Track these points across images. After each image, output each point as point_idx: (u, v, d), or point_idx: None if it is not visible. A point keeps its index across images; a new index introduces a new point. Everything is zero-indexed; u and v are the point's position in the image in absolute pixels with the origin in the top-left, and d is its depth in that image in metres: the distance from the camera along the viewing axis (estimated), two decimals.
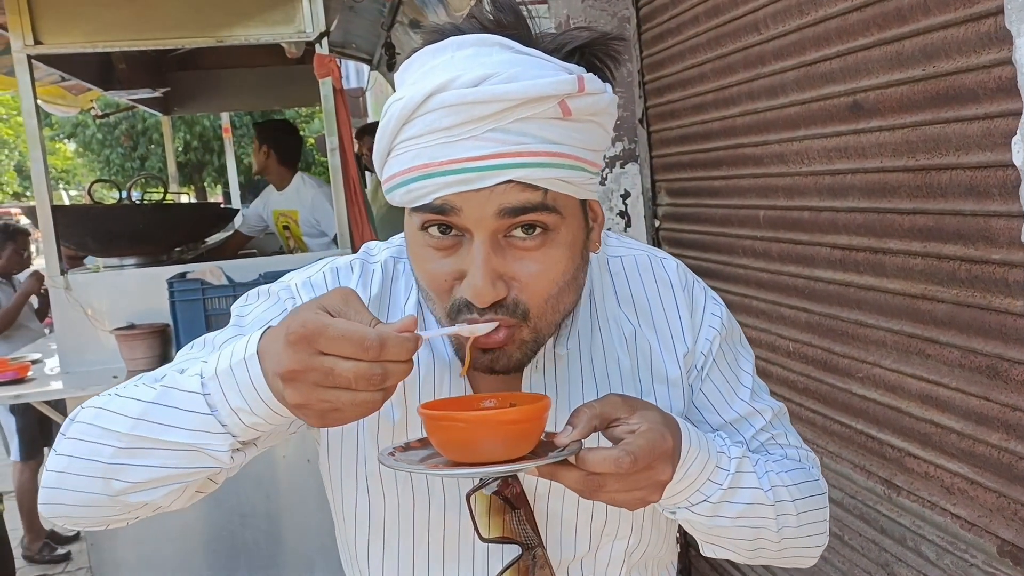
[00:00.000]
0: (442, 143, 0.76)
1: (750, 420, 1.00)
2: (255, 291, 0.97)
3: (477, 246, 0.78)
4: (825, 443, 1.90)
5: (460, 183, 0.76)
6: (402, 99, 0.78)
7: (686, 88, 2.40)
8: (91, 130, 17.48)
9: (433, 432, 0.77)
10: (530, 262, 0.80)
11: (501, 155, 0.76)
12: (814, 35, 1.73)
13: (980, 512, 1.45)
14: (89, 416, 0.83)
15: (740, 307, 2.19)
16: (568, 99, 0.77)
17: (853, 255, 1.71)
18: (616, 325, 0.97)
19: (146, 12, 3.37)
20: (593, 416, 0.77)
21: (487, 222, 0.78)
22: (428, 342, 0.93)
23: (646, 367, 0.96)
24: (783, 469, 0.96)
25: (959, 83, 1.37)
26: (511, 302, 0.80)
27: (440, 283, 0.82)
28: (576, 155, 0.79)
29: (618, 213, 2.76)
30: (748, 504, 0.89)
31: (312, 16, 3.44)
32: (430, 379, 0.93)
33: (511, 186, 0.77)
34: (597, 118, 0.81)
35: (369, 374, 0.69)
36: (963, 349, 1.44)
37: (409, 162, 0.78)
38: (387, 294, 0.96)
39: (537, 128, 0.77)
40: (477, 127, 0.76)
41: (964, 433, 1.46)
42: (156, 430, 0.78)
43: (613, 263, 1.00)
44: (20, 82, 3.30)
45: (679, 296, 0.99)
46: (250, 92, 5.58)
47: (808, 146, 1.82)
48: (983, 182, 1.35)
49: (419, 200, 0.79)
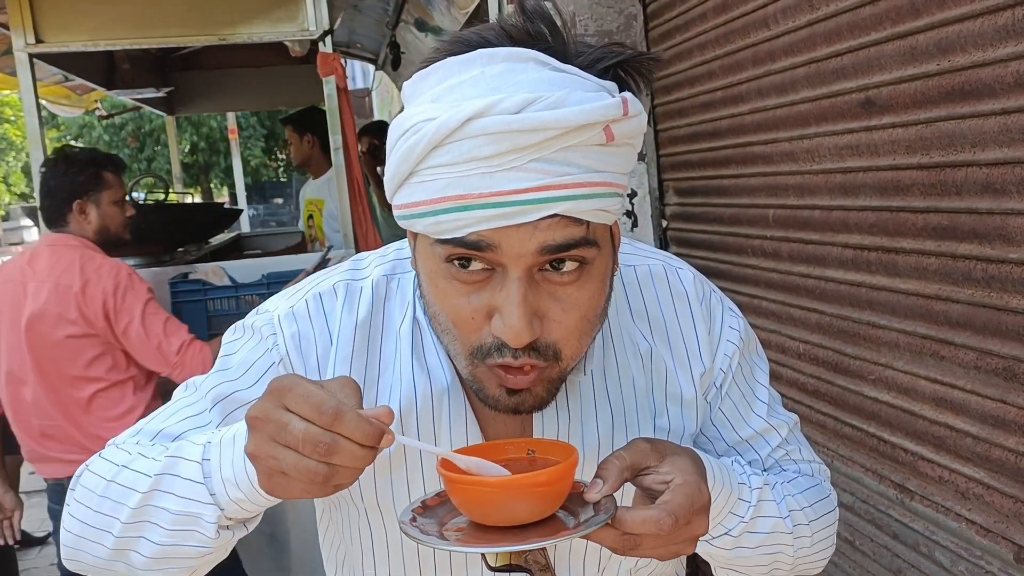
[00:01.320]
0: (480, 173, 0.70)
1: (766, 437, 0.98)
2: (240, 325, 0.94)
3: (513, 283, 0.73)
4: (836, 447, 1.87)
5: (501, 217, 0.70)
6: (435, 120, 0.70)
7: (694, 85, 2.37)
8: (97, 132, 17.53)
9: (455, 493, 0.72)
10: (566, 299, 0.75)
11: (546, 187, 0.70)
12: (825, 30, 1.70)
13: (996, 517, 1.42)
14: (99, 487, 0.84)
15: (749, 308, 2.16)
16: (612, 124, 0.72)
17: (865, 255, 1.68)
18: (631, 342, 0.93)
19: (148, 10, 3.36)
20: (623, 468, 0.74)
21: (526, 259, 0.72)
22: (425, 366, 0.88)
23: (660, 387, 0.93)
24: (798, 490, 0.95)
25: (975, 78, 1.33)
26: (543, 344, 0.75)
27: (467, 321, 0.76)
28: (615, 182, 0.74)
29: (625, 213, 2.73)
30: (768, 534, 0.88)
31: (316, 14, 3.42)
32: (428, 406, 0.88)
33: (555, 221, 0.71)
34: (634, 140, 0.77)
35: (316, 439, 0.65)
36: (979, 351, 1.41)
37: (440, 191, 0.71)
38: (378, 316, 0.90)
39: (581, 157, 0.71)
40: (520, 157, 0.69)
41: (980, 437, 1.43)
42: (158, 499, 0.80)
43: (627, 272, 0.96)
44: (21, 81, 3.29)
45: (696, 311, 0.95)
46: (254, 92, 5.57)
47: (819, 144, 1.79)
48: (1000, 179, 1.31)
49: (450, 233, 0.72)
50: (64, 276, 2.50)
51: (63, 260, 2.54)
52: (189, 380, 0.94)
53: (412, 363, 0.88)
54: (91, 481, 0.85)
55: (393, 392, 0.88)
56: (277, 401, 0.68)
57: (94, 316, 2.50)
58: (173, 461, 0.79)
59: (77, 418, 2.50)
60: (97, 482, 0.84)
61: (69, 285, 2.49)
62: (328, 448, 0.66)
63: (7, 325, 2.53)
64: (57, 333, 2.48)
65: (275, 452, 0.68)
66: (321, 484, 0.68)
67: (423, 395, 0.87)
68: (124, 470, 0.83)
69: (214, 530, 0.78)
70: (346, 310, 0.89)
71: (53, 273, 2.51)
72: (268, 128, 17.55)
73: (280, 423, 0.67)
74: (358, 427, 0.66)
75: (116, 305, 2.51)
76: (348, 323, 0.89)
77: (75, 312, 2.48)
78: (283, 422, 0.67)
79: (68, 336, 2.48)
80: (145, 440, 0.89)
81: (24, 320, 2.48)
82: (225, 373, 0.90)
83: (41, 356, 2.49)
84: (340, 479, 0.68)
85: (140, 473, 0.81)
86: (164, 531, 0.79)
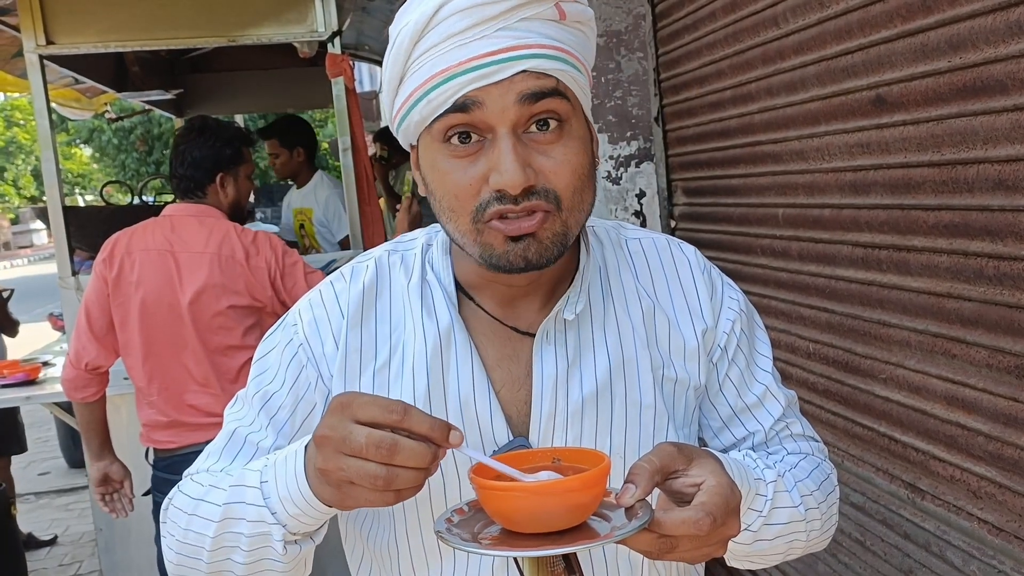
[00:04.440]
0: (457, 46, 0.81)
1: (767, 405, 1.01)
2: (280, 320, 1.02)
3: (502, 138, 0.82)
4: (847, 446, 1.86)
5: (480, 78, 0.81)
6: (409, 21, 0.83)
7: (703, 85, 2.36)
8: (107, 135, 17.61)
9: (488, 501, 0.73)
10: (554, 155, 0.84)
11: (513, 48, 0.81)
12: (835, 28, 1.69)
13: (1008, 517, 1.41)
14: (182, 520, 0.91)
15: (759, 307, 2.14)
16: (562, 2, 0.84)
17: (876, 253, 1.67)
18: (634, 298, 0.98)
19: (158, 12, 3.37)
20: (654, 471, 0.75)
21: (509, 113, 0.81)
22: (434, 314, 0.94)
23: (664, 339, 0.97)
24: (805, 474, 0.97)
25: (987, 74, 1.33)
26: (542, 189, 0.83)
27: (466, 188, 0.84)
28: (574, 53, 0.85)
29: (633, 213, 2.73)
30: (785, 524, 0.90)
31: (325, 15, 3.43)
32: (437, 356, 0.92)
33: (526, 75, 0.81)
34: (585, 28, 0.88)
35: (379, 440, 0.70)
36: (991, 349, 1.40)
37: (427, 72, 0.82)
38: (384, 282, 0.98)
39: (540, 26, 0.83)
40: (488, 27, 0.81)
41: (992, 435, 1.42)
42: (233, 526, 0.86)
43: (632, 243, 1.02)
44: (32, 82, 3.31)
45: (698, 276, 1.01)
46: (263, 94, 5.58)
47: (829, 142, 1.78)
48: (1012, 176, 1.31)
49: (442, 106, 0.82)
50: (224, 247, 2.49)
51: (217, 231, 2.51)
52: (236, 395, 1.01)
53: (422, 316, 0.94)
54: (175, 515, 0.93)
55: (407, 347, 0.93)
56: (342, 415, 0.73)
57: (261, 286, 2.50)
58: (238, 490, 0.86)
59: (226, 386, 2.49)
60: (180, 516, 0.92)
61: (231, 255, 2.48)
62: (390, 448, 0.70)
63: (152, 294, 2.47)
64: (220, 304, 2.46)
65: (341, 463, 0.73)
66: (383, 489, 0.72)
67: (433, 345, 0.92)
68: (201, 503, 0.89)
69: (282, 546, 0.83)
70: (352, 284, 0.97)
71: (210, 244, 2.48)
72: None
73: (344, 433, 0.72)
74: (424, 420, 0.72)
75: (282, 271, 2.52)
76: (355, 293, 0.96)
77: (241, 283, 2.48)
78: (347, 431, 0.72)
79: (231, 307, 2.47)
80: (214, 462, 0.96)
81: (189, 293, 2.45)
82: (261, 378, 0.98)
83: (200, 327, 2.47)
84: (402, 483, 0.72)
85: (214, 504, 0.88)
86: (245, 552, 0.86)
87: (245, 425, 0.97)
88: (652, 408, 0.94)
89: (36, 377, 3.71)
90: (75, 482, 5.61)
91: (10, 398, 3.52)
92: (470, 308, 0.95)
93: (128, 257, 2.49)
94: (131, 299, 2.48)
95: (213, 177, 2.58)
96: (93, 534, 3.67)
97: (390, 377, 0.93)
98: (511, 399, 0.93)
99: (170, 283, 2.47)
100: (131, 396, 2.70)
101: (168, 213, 2.58)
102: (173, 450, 2.53)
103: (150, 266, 2.48)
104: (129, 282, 2.48)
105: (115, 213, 4.09)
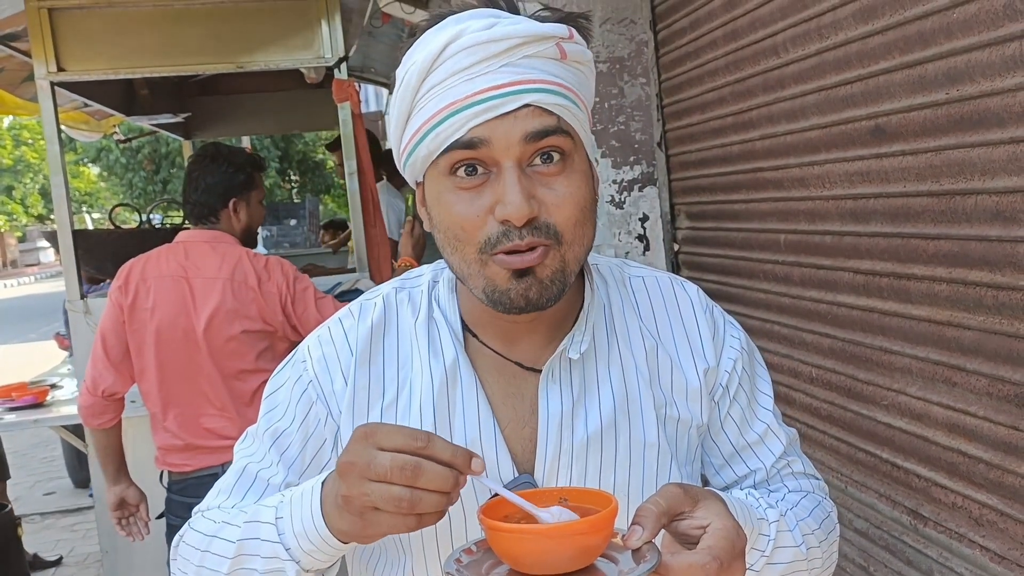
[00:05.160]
0: (464, 81, 0.83)
1: (768, 443, 1.02)
2: (289, 356, 1.03)
3: (508, 170, 0.84)
4: (849, 472, 1.87)
5: (486, 111, 0.83)
6: (417, 60, 0.85)
7: (705, 112, 2.39)
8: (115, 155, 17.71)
9: (496, 542, 0.73)
10: (557, 188, 0.86)
11: (518, 83, 0.84)
12: (834, 59, 1.72)
13: (1010, 544, 1.41)
14: (195, 557, 0.92)
15: (761, 332, 2.17)
16: (563, 42, 0.86)
17: (877, 280, 1.69)
18: (637, 337, 0.99)
19: (167, 39, 3.41)
20: (660, 513, 0.76)
21: (514, 149, 0.84)
22: (440, 353, 0.95)
23: (667, 379, 0.98)
24: (807, 513, 0.97)
25: (984, 107, 1.35)
26: (543, 223, 0.85)
27: (472, 220, 0.86)
28: (575, 90, 0.88)
29: (636, 237, 2.74)
30: (788, 563, 0.91)
31: (331, 41, 3.46)
32: (444, 394, 0.94)
33: (531, 111, 0.84)
34: (584, 68, 0.90)
35: (403, 463, 0.72)
36: (991, 377, 1.41)
37: (434, 107, 0.85)
38: (392, 319, 0.99)
39: (542, 64, 0.85)
40: (493, 63, 0.83)
41: (992, 463, 1.43)
42: (247, 563, 0.87)
43: (635, 282, 1.04)
44: (43, 108, 3.34)
45: (700, 316, 1.02)
46: (269, 116, 5.63)
47: (829, 170, 1.80)
48: (1009, 207, 1.32)
49: (448, 139, 0.84)
50: (237, 273, 2.51)
51: (230, 257, 2.54)
52: (247, 431, 1.02)
53: (429, 354, 0.95)
54: (188, 552, 0.93)
55: (414, 385, 0.95)
56: (366, 442, 0.75)
57: (272, 311, 2.52)
58: (253, 527, 0.87)
59: (241, 410, 2.52)
60: (192, 553, 0.92)
61: (243, 281, 2.51)
62: (414, 471, 0.72)
63: (167, 320, 2.49)
64: (233, 328, 2.49)
65: (365, 488, 0.74)
66: (407, 512, 0.73)
67: (439, 383, 0.94)
68: (214, 540, 0.90)
69: None
70: (361, 322, 0.99)
71: (223, 270, 2.51)
72: (282, 150, 17.68)
73: (368, 459, 0.74)
74: (446, 448, 0.74)
75: (293, 296, 2.55)
76: (364, 331, 0.98)
77: (253, 308, 2.50)
78: (372, 457, 0.74)
79: (244, 331, 2.50)
80: (225, 499, 0.97)
81: (203, 318, 2.48)
82: (272, 415, 0.99)
83: (214, 351, 2.49)
84: (426, 506, 0.73)
85: (228, 541, 0.89)
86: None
87: (256, 462, 0.98)
88: (656, 447, 0.95)
89: (44, 400, 3.73)
90: (81, 502, 5.61)
91: (19, 421, 3.54)
92: (475, 345, 0.96)
93: (143, 284, 2.52)
94: (146, 325, 2.51)
95: (226, 203, 2.61)
96: (98, 555, 3.68)
97: (397, 414, 0.94)
98: (516, 436, 0.94)
99: (185, 309, 2.50)
100: (136, 420, 2.71)
101: (182, 240, 2.61)
102: (188, 473, 2.55)
103: (165, 293, 2.51)
104: (144, 309, 2.50)
105: (123, 237, 4.12)
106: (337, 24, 3.46)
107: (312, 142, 18.95)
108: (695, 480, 1.00)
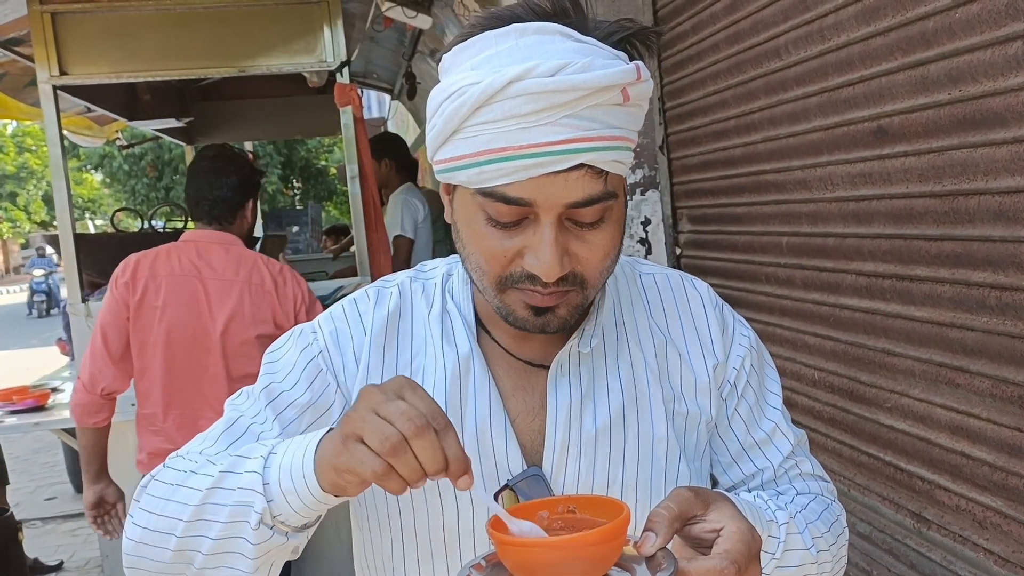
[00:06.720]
0: (520, 128, 0.79)
1: (776, 443, 1.02)
2: (290, 331, 1.03)
3: (546, 227, 0.82)
4: (852, 475, 1.86)
5: (537, 166, 0.80)
6: (479, 84, 0.80)
7: (707, 115, 2.39)
8: (117, 161, 17.73)
9: (507, 556, 0.72)
10: (591, 240, 0.85)
11: (576, 140, 0.80)
12: (836, 60, 1.71)
13: (1014, 547, 1.40)
14: (166, 492, 0.88)
15: (764, 335, 2.16)
16: (628, 86, 0.82)
17: (879, 282, 1.68)
18: (646, 333, 0.99)
19: (169, 44, 3.42)
20: (673, 518, 0.76)
21: (556, 209, 0.82)
22: (454, 344, 0.95)
23: (676, 374, 0.98)
24: (816, 516, 0.97)
25: (986, 107, 1.34)
26: (571, 275, 0.85)
27: (499, 257, 0.85)
28: (629, 137, 0.85)
29: (639, 240, 2.74)
30: (797, 566, 0.91)
31: (333, 46, 3.47)
32: (456, 384, 0.94)
33: (582, 173, 0.81)
34: (643, 102, 0.86)
35: (412, 416, 0.72)
36: (994, 378, 1.40)
37: (484, 145, 0.81)
38: (407, 309, 1.00)
39: (603, 114, 0.81)
40: (555, 113, 0.79)
41: (996, 465, 1.42)
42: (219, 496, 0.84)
43: (645, 278, 1.04)
44: (45, 112, 3.34)
45: (710, 313, 1.02)
46: (272, 121, 5.63)
47: (831, 172, 1.79)
48: (1013, 207, 1.32)
49: (492, 181, 0.82)
50: (254, 276, 2.51)
51: (245, 260, 2.53)
52: (240, 390, 1.01)
53: (442, 344, 0.96)
54: (157, 488, 0.89)
55: (427, 373, 0.96)
56: (395, 389, 0.75)
57: (286, 315, 2.52)
58: (239, 461, 0.85)
59: None
60: (164, 488, 0.89)
61: (260, 284, 2.50)
62: (417, 428, 0.71)
63: (178, 320, 2.46)
64: (248, 333, 2.48)
65: (366, 416, 0.73)
66: (387, 455, 0.71)
67: (452, 373, 0.94)
68: (192, 475, 0.87)
69: (256, 520, 0.80)
70: (377, 308, 0.99)
71: (240, 273, 2.50)
72: (285, 156, 17.71)
73: (388, 399, 0.74)
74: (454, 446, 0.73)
75: (307, 306, 2.56)
76: (380, 316, 0.98)
77: (268, 312, 2.50)
78: (391, 398, 0.74)
79: (258, 336, 2.49)
80: (210, 445, 0.94)
81: (220, 320, 2.47)
82: (272, 375, 0.98)
83: (228, 354, 2.48)
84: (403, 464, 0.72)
85: (206, 475, 0.86)
86: (221, 525, 0.83)
87: (248, 416, 0.96)
88: (664, 441, 0.95)
89: (45, 403, 3.73)
90: (81, 508, 5.59)
91: (20, 424, 3.53)
92: (487, 339, 0.97)
93: (153, 281, 2.47)
94: (154, 324, 2.46)
95: (245, 202, 2.60)
96: (99, 560, 3.67)
97: None
98: (526, 428, 0.94)
99: (198, 310, 2.47)
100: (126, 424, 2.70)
101: (190, 239, 2.56)
102: None
103: (177, 292, 2.47)
104: (153, 307, 2.46)
105: (125, 240, 4.12)
106: (339, 28, 3.47)
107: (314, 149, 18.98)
108: (704, 477, 1.00)
